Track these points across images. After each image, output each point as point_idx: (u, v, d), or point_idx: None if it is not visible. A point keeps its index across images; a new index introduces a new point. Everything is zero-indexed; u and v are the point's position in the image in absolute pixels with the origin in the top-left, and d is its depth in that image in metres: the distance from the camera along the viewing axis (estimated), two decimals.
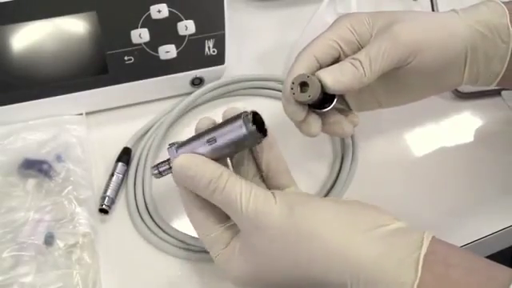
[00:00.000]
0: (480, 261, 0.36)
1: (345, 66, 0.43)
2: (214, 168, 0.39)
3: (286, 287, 0.39)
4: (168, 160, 0.42)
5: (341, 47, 0.45)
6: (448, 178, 0.55)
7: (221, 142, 0.40)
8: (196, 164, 0.39)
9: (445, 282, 0.34)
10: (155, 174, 0.43)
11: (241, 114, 0.40)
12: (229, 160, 0.43)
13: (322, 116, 0.46)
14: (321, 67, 0.45)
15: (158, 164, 0.43)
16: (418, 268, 0.34)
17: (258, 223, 0.37)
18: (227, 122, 0.40)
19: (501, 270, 0.35)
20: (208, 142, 0.40)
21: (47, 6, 0.50)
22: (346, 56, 0.45)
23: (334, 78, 0.42)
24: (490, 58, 0.47)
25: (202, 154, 0.40)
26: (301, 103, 0.43)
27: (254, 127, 0.39)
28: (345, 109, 0.49)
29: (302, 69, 0.44)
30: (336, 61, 0.45)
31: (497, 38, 0.46)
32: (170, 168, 0.42)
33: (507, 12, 0.46)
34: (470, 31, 0.46)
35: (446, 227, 0.37)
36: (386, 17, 0.46)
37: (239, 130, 0.39)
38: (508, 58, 0.46)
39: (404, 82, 0.47)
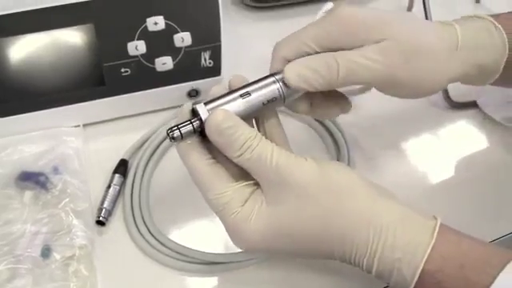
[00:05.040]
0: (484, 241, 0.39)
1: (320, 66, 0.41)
2: (249, 127, 0.39)
3: (304, 250, 0.40)
4: (190, 120, 0.39)
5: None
6: (445, 185, 0.55)
7: (255, 95, 0.40)
8: (234, 121, 0.38)
9: (456, 247, 0.37)
10: (175, 138, 0.38)
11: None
12: None
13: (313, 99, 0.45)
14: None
15: (178, 125, 0.39)
16: (434, 233, 0.37)
17: (289, 177, 0.38)
18: (260, 80, 0.41)
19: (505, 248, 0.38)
20: (241, 96, 0.40)
21: (45, 19, 0.50)
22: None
23: (299, 76, 0.41)
24: (479, 79, 0.46)
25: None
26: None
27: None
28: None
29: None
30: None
31: (492, 69, 0.45)
32: (200, 125, 0.39)
33: (506, 40, 0.44)
34: (464, 68, 0.44)
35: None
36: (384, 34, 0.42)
37: (274, 85, 0.41)
38: (499, 74, 0.46)
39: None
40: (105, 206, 0.50)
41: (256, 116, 0.42)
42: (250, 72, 0.65)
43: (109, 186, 0.52)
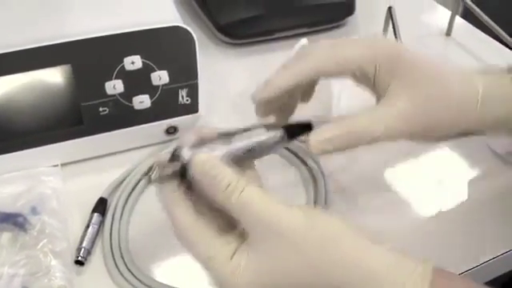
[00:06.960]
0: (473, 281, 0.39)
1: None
2: (232, 170, 0.38)
3: None
4: (172, 162, 0.39)
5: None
6: (434, 209, 0.55)
7: (238, 144, 0.41)
8: (218, 163, 0.38)
9: None
10: (156, 179, 0.39)
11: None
12: None
13: None
14: None
15: (159, 166, 0.39)
16: (425, 281, 0.36)
17: (274, 226, 0.37)
18: (246, 129, 0.42)
19: None
20: (224, 143, 0.40)
21: (22, 61, 0.51)
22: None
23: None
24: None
25: None
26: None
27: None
28: None
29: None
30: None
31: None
32: (181, 168, 0.39)
33: None
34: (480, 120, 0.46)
35: (437, 259, 0.39)
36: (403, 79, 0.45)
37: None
38: None
39: None
40: (84, 245, 0.50)
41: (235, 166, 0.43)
42: (228, 107, 0.67)
43: (88, 226, 0.51)
